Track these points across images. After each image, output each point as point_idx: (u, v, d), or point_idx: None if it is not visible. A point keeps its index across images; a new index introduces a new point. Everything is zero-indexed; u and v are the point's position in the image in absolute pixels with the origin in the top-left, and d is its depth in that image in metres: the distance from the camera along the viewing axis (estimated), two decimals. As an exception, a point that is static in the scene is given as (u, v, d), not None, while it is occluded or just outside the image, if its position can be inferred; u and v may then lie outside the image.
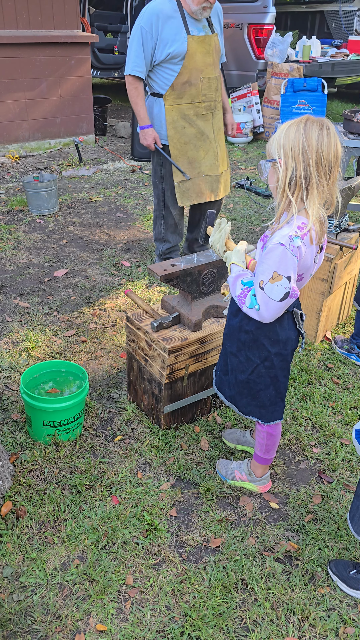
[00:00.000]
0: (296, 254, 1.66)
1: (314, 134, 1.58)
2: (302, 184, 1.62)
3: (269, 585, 1.92)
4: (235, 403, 2.11)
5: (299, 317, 1.92)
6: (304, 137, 1.58)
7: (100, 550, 2.01)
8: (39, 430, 2.40)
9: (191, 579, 1.93)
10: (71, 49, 6.68)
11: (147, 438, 2.51)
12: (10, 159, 6.51)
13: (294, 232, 1.65)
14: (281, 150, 1.62)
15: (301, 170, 1.60)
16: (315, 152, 1.58)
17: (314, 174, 1.60)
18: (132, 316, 2.56)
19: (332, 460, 2.44)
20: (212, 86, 3.36)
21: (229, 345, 2.04)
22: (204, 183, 3.51)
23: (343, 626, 1.81)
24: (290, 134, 1.60)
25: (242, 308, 1.79)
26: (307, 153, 1.58)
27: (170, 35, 3.18)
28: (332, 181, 1.65)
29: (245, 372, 2.00)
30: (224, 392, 2.15)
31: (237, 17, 7.64)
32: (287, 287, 1.68)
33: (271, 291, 1.69)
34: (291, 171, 1.61)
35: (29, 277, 3.93)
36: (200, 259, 2.41)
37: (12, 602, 1.83)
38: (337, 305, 3.38)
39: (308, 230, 1.67)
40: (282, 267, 1.66)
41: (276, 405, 2.05)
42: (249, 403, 2.06)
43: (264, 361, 1.95)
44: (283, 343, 1.92)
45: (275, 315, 1.76)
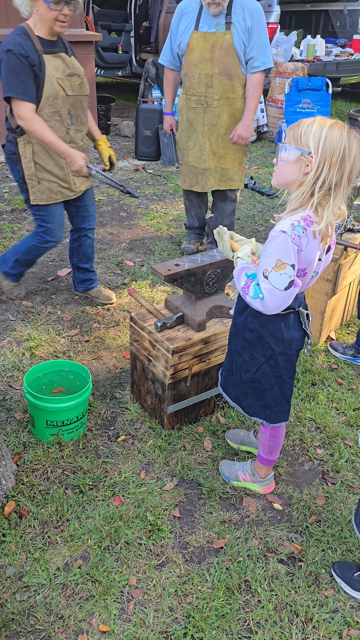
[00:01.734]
0: (297, 242, 1.64)
1: (356, 145, 1.55)
2: (331, 189, 1.60)
3: (273, 586, 1.92)
4: (240, 403, 2.10)
5: (305, 318, 1.92)
6: (347, 145, 1.54)
7: (103, 551, 2.00)
8: (42, 430, 2.40)
9: (194, 580, 1.92)
10: (75, 47, 6.64)
11: (150, 438, 2.51)
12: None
13: (296, 221, 1.64)
14: (319, 147, 1.55)
15: (333, 177, 1.57)
16: (351, 163, 1.56)
17: (344, 182, 1.59)
18: (135, 316, 2.55)
19: (335, 462, 2.44)
20: (202, 82, 3.44)
21: (234, 344, 2.03)
22: (189, 172, 3.76)
23: (347, 628, 1.80)
24: (334, 135, 1.54)
25: (246, 299, 1.75)
26: (345, 162, 1.56)
27: (182, 29, 3.46)
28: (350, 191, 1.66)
29: (249, 371, 1.99)
30: (229, 392, 2.14)
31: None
32: (292, 275, 1.65)
33: (275, 280, 1.66)
34: (324, 174, 1.57)
35: (32, 277, 3.93)
36: (204, 259, 2.40)
37: (15, 602, 1.83)
38: (341, 305, 3.37)
39: (312, 223, 1.64)
40: (285, 255, 1.64)
41: (281, 407, 2.04)
42: (254, 403, 2.05)
43: (269, 360, 1.94)
44: (288, 342, 1.91)
45: (279, 305, 1.71)
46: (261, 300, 1.70)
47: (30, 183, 2.88)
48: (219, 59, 3.37)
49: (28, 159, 2.81)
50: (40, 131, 2.66)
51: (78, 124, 2.89)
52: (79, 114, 2.88)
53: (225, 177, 3.71)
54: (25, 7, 2.62)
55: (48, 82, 2.66)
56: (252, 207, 5.35)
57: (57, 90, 2.69)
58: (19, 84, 2.58)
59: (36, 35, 2.64)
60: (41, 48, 2.64)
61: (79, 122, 2.89)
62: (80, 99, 2.84)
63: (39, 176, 2.87)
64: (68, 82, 2.75)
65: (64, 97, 2.74)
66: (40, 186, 2.89)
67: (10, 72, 2.58)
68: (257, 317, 1.89)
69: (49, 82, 2.66)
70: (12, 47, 2.56)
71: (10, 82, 2.59)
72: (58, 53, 2.72)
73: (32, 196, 2.92)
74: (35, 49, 2.61)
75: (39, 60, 2.62)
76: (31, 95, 2.63)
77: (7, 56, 2.57)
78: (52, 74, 2.67)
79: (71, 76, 2.78)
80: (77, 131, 2.90)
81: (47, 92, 2.66)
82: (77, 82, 2.81)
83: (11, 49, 2.56)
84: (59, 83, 2.69)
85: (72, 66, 2.78)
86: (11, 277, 3.38)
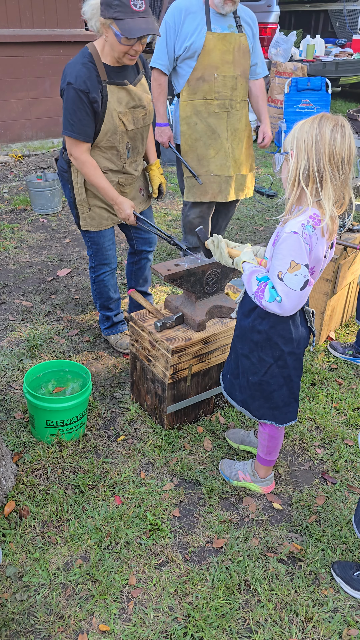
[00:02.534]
0: (308, 242, 1.66)
1: (328, 128, 1.60)
2: (316, 176, 1.63)
3: (272, 586, 1.92)
4: (247, 407, 2.08)
5: (310, 315, 1.92)
6: (317, 131, 1.60)
7: (103, 551, 2.01)
8: (42, 430, 2.40)
9: (194, 579, 1.93)
10: (74, 48, 6.68)
11: (150, 438, 2.51)
12: (13, 158, 6.52)
13: (305, 220, 1.66)
14: (294, 142, 1.64)
15: (314, 163, 1.61)
16: (328, 146, 1.59)
17: (327, 167, 1.61)
18: (135, 316, 2.55)
19: (335, 461, 2.44)
20: (227, 84, 3.33)
21: (241, 347, 2.02)
22: (211, 183, 3.47)
23: (346, 628, 1.80)
24: (305, 128, 1.63)
25: (261, 303, 1.76)
26: (319, 146, 1.60)
27: (189, 30, 3.22)
28: (344, 178, 1.65)
29: (257, 373, 1.98)
30: (235, 396, 2.12)
31: (240, 16, 7.62)
32: (306, 274, 1.67)
33: (291, 281, 1.67)
34: (303, 163, 1.62)
35: (32, 277, 3.93)
36: (204, 259, 2.40)
37: (15, 602, 1.83)
38: (341, 305, 3.37)
39: (320, 221, 1.66)
40: (298, 256, 1.66)
41: (290, 406, 2.04)
42: (262, 406, 2.04)
43: (277, 360, 1.93)
44: (297, 342, 1.91)
45: (296, 306, 1.73)
46: (279, 303, 1.71)
47: (81, 209, 2.78)
48: (239, 61, 3.32)
49: (79, 184, 2.71)
50: (91, 176, 2.56)
51: (134, 155, 2.74)
52: (137, 146, 2.72)
53: (242, 186, 3.57)
54: (95, 23, 2.46)
55: (108, 117, 2.51)
56: (252, 207, 5.36)
57: (117, 125, 2.54)
58: (76, 123, 2.47)
59: (102, 63, 2.47)
60: (106, 79, 2.47)
61: (135, 154, 2.74)
62: (141, 130, 2.69)
63: (90, 202, 2.76)
64: (130, 116, 2.59)
65: (123, 132, 2.59)
66: (91, 212, 2.78)
67: (68, 108, 2.47)
68: (266, 318, 1.89)
69: (109, 117, 2.51)
70: (74, 81, 2.41)
71: (67, 118, 2.48)
72: (123, 85, 2.53)
73: (82, 221, 2.82)
74: (99, 81, 2.46)
75: (101, 94, 2.47)
76: (87, 134, 2.51)
77: (68, 90, 2.43)
78: (114, 108, 2.51)
79: (135, 108, 2.61)
80: (132, 162, 2.75)
81: (105, 127, 2.52)
82: (140, 114, 2.64)
83: (72, 82, 2.41)
84: (119, 117, 2.54)
85: (137, 98, 2.60)
86: (112, 330, 3.22)
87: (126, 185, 2.78)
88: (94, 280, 3.03)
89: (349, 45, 9.20)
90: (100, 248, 2.91)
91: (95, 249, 2.91)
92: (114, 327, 3.19)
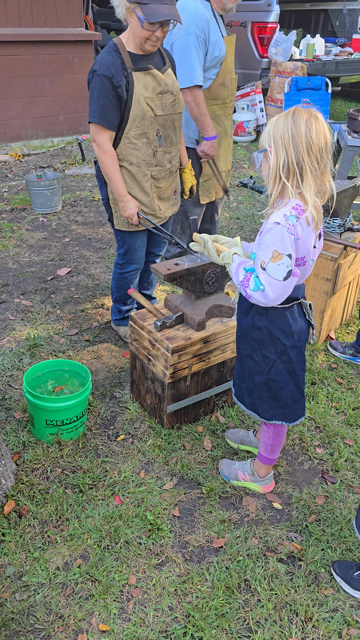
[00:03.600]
0: (292, 232, 1.69)
1: (302, 121, 1.64)
2: (296, 169, 1.67)
3: (272, 586, 1.92)
4: (255, 410, 2.07)
5: (308, 308, 1.92)
6: (292, 125, 1.64)
7: (102, 550, 2.00)
8: (41, 429, 2.40)
9: (194, 579, 1.92)
10: (74, 47, 6.67)
11: (150, 437, 2.51)
12: (13, 157, 6.51)
13: (288, 211, 1.70)
14: (271, 139, 1.69)
15: (293, 157, 1.66)
16: (305, 138, 1.64)
17: (306, 159, 1.65)
18: (135, 315, 2.55)
19: (335, 461, 2.44)
20: (234, 85, 3.40)
21: (243, 347, 2.02)
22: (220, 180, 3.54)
23: (346, 627, 1.80)
24: (279, 123, 1.67)
25: (246, 292, 1.79)
26: (296, 139, 1.64)
27: (214, 39, 3.12)
28: (323, 167, 1.69)
29: (262, 372, 1.97)
30: (244, 400, 2.11)
31: (241, 16, 7.61)
32: (289, 264, 1.70)
33: (274, 270, 1.71)
34: (282, 158, 1.67)
35: (32, 276, 3.93)
36: (204, 258, 2.40)
37: (15, 602, 1.83)
38: (341, 305, 3.37)
39: (304, 211, 1.70)
40: (281, 246, 1.69)
41: (298, 402, 2.04)
42: (271, 406, 2.02)
43: (281, 356, 1.93)
44: (297, 335, 1.91)
45: (280, 296, 1.75)
46: (262, 292, 1.74)
47: (115, 207, 2.76)
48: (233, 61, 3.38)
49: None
50: (108, 165, 2.55)
51: (167, 145, 2.68)
52: (169, 134, 2.68)
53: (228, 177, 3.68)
54: (122, 10, 2.46)
55: (135, 102, 2.51)
56: (252, 207, 5.35)
57: (145, 111, 2.53)
58: (98, 109, 2.47)
59: (127, 51, 2.49)
60: (131, 65, 2.48)
61: (168, 143, 2.69)
62: (172, 117, 2.65)
63: None
64: (158, 101, 2.57)
65: (152, 118, 2.56)
66: None
67: (92, 95, 2.48)
68: (264, 314, 1.89)
69: (136, 102, 2.51)
70: (98, 68, 2.44)
71: (92, 105, 2.49)
72: (149, 70, 2.54)
73: (115, 220, 2.80)
74: (124, 67, 2.47)
75: (126, 80, 2.47)
76: (110, 122, 2.50)
77: (93, 78, 2.46)
78: (141, 93, 2.51)
79: (162, 94, 2.59)
80: (165, 152, 2.69)
81: (134, 112, 2.52)
82: (169, 100, 2.62)
83: (96, 70, 2.44)
84: (147, 102, 2.53)
85: (163, 83, 2.59)
86: (123, 322, 3.23)
87: (160, 179, 2.73)
88: (118, 275, 3.04)
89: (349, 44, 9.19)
90: (131, 249, 2.91)
91: (126, 248, 2.91)
92: (125, 320, 3.22)
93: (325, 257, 2.99)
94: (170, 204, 2.87)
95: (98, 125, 2.50)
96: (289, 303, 1.87)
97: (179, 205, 2.98)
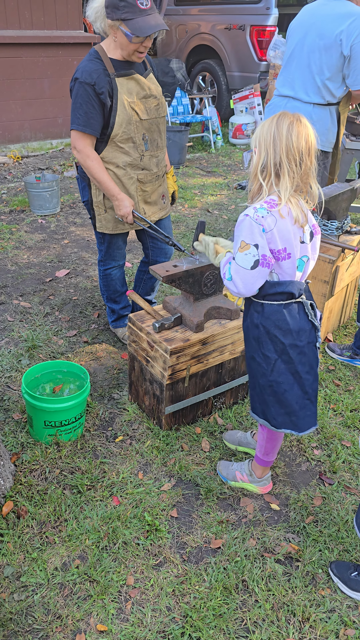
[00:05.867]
0: (261, 222, 1.75)
1: (285, 125, 1.72)
2: (272, 170, 1.76)
3: (270, 586, 1.92)
4: (265, 416, 2.04)
5: (310, 308, 1.92)
6: (275, 128, 1.74)
7: (101, 551, 2.01)
8: (40, 431, 2.40)
9: (192, 579, 1.93)
10: (73, 49, 6.69)
11: (148, 439, 2.52)
12: (12, 159, 6.52)
13: (259, 204, 1.78)
14: (256, 140, 1.79)
15: (271, 158, 1.74)
16: (285, 140, 1.72)
17: (284, 161, 1.73)
18: (133, 316, 2.56)
19: (332, 462, 2.45)
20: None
21: (247, 349, 2.03)
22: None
23: (343, 628, 1.81)
24: (265, 126, 1.77)
25: (225, 282, 1.91)
26: (277, 142, 1.73)
27: None
28: (304, 170, 1.77)
29: (265, 374, 1.96)
30: (256, 409, 2.08)
31: (239, 19, 7.64)
32: (256, 254, 1.77)
33: (241, 260, 1.80)
34: (263, 159, 1.76)
35: (31, 277, 3.94)
36: (202, 260, 2.41)
37: (13, 602, 1.84)
38: (339, 307, 3.38)
39: (277, 205, 1.77)
40: (249, 236, 1.77)
41: (306, 409, 1.99)
42: (278, 412, 1.99)
43: (281, 355, 1.92)
44: (296, 333, 1.90)
45: (248, 284, 1.82)
46: (232, 281, 1.85)
47: (97, 210, 2.77)
48: None
49: (96, 186, 2.71)
50: (94, 169, 2.55)
51: (154, 148, 2.70)
52: (155, 138, 2.69)
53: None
54: (101, 25, 2.47)
55: (121, 107, 2.51)
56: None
57: (131, 115, 2.54)
58: (82, 116, 2.48)
59: (109, 58, 2.49)
60: (113, 71, 2.48)
61: (154, 147, 2.70)
62: (156, 121, 2.67)
63: (107, 205, 2.73)
64: (143, 105, 2.58)
65: (138, 122, 2.58)
66: (107, 215, 2.76)
67: (75, 103, 2.49)
68: (260, 311, 1.91)
69: (121, 107, 2.51)
70: (80, 76, 2.44)
71: (75, 112, 2.50)
72: (132, 75, 2.54)
73: (98, 223, 2.81)
74: (107, 74, 2.47)
75: (110, 86, 2.47)
76: (94, 128, 2.51)
77: (75, 85, 2.46)
78: (125, 98, 2.52)
79: (146, 98, 2.60)
80: (152, 157, 2.70)
81: (120, 117, 2.52)
82: (153, 104, 2.63)
83: (78, 77, 2.45)
84: (132, 107, 2.54)
85: (147, 87, 2.59)
86: (119, 323, 3.24)
87: (147, 182, 2.74)
88: (101, 273, 3.07)
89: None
90: (111, 246, 2.95)
91: (107, 246, 2.95)
92: (121, 321, 3.22)
93: (323, 259, 3.00)
94: (157, 207, 2.88)
95: (81, 132, 2.52)
96: (285, 300, 1.88)
97: (168, 210, 2.97)
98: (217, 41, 8.03)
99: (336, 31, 3.05)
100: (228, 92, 8.18)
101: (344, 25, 3.03)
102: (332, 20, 3.08)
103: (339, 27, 3.04)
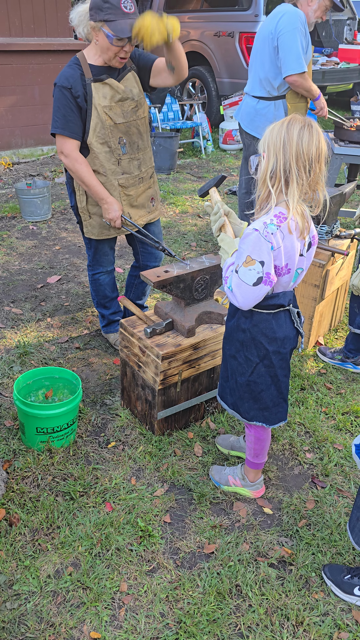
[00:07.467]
0: (270, 239, 1.71)
1: (295, 130, 1.67)
2: (282, 176, 1.70)
3: (263, 590, 1.92)
4: (237, 409, 2.09)
5: (297, 316, 1.94)
6: (285, 133, 1.68)
7: (94, 557, 2.00)
8: (32, 437, 2.39)
9: (185, 585, 1.93)
10: (64, 56, 6.71)
11: (140, 444, 2.51)
12: (2, 165, 6.52)
13: (269, 219, 1.73)
14: (265, 145, 1.73)
15: (281, 164, 1.69)
16: (295, 147, 1.67)
17: (293, 167, 1.68)
18: (125, 322, 2.56)
19: (325, 466, 2.45)
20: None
21: (228, 348, 2.04)
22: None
23: (337, 631, 1.81)
24: (275, 130, 1.71)
25: (225, 287, 1.86)
26: (287, 147, 1.67)
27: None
28: (313, 177, 1.72)
29: (245, 374, 2.00)
30: (226, 400, 2.14)
31: (228, 26, 7.70)
32: (260, 271, 1.73)
33: (244, 274, 1.75)
34: (272, 164, 1.70)
35: (22, 284, 3.93)
36: (193, 265, 2.42)
37: (6, 610, 1.82)
38: (330, 311, 3.40)
39: (286, 219, 1.73)
40: (256, 252, 1.72)
41: (279, 406, 2.05)
42: (251, 407, 2.05)
43: (263, 360, 1.95)
44: (281, 341, 1.93)
45: (248, 300, 1.79)
46: (232, 293, 1.81)
47: (83, 216, 2.79)
48: None
49: (81, 192, 2.72)
50: (81, 172, 2.56)
51: (133, 151, 2.68)
52: (135, 141, 2.68)
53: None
54: (83, 29, 2.49)
55: (94, 112, 2.54)
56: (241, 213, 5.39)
57: (104, 120, 2.54)
58: (60, 119, 2.50)
59: (88, 64, 2.52)
60: (90, 77, 2.51)
61: (134, 150, 2.69)
62: (135, 123, 2.65)
63: (91, 210, 2.75)
64: (119, 109, 2.58)
65: (112, 126, 2.58)
66: (92, 220, 2.78)
67: (55, 106, 2.52)
68: (249, 317, 1.92)
69: (94, 112, 2.54)
70: (58, 80, 2.49)
71: (54, 117, 2.52)
72: (105, 80, 2.54)
73: (85, 229, 2.83)
74: (83, 79, 2.49)
75: (84, 90, 2.50)
76: (74, 131, 2.53)
77: (55, 91, 2.51)
78: (98, 103, 2.53)
79: (122, 101, 2.59)
80: (131, 159, 2.69)
81: (93, 122, 2.54)
82: (130, 106, 2.62)
83: (57, 82, 2.49)
84: (105, 112, 2.54)
85: (121, 90, 2.57)
86: (110, 329, 3.23)
87: (129, 187, 2.74)
88: (90, 277, 3.09)
89: (335, 54, 9.31)
90: (98, 252, 2.96)
91: (93, 251, 2.96)
92: (111, 326, 3.22)
93: (313, 263, 3.02)
94: (145, 211, 2.88)
95: (62, 135, 2.54)
96: (275, 309, 1.89)
97: (156, 213, 2.97)
98: (207, 48, 8.08)
99: (270, 28, 3.51)
100: (218, 98, 8.23)
101: (275, 21, 3.49)
102: (270, 20, 3.55)
103: (273, 24, 3.50)
